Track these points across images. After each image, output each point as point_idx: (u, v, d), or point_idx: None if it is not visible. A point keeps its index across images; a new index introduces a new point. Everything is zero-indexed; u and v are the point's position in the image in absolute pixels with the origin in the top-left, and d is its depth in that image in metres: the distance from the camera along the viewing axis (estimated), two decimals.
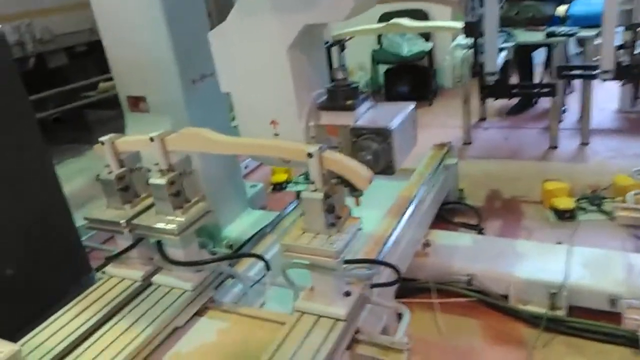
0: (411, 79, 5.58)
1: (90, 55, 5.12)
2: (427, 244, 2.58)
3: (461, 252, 2.54)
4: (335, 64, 3.82)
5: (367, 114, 1.80)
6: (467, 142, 4.32)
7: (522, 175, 3.61)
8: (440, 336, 2.24)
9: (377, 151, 1.67)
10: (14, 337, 1.52)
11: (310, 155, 1.46)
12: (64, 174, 4.93)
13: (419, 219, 2.57)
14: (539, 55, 4.78)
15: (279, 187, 3.90)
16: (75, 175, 4.76)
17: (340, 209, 1.57)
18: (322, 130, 1.77)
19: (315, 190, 1.49)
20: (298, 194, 1.45)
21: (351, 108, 1.75)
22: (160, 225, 1.69)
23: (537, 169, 3.68)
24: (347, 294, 1.59)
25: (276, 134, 1.77)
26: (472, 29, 2.49)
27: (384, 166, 1.72)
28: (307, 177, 3.02)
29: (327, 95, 1.79)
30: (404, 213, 2.45)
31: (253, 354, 1.51)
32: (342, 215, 1.57)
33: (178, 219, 1.70)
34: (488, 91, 3.17)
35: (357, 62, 6.05)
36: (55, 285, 2.05)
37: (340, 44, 3.76)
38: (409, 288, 2.41)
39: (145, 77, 2.64)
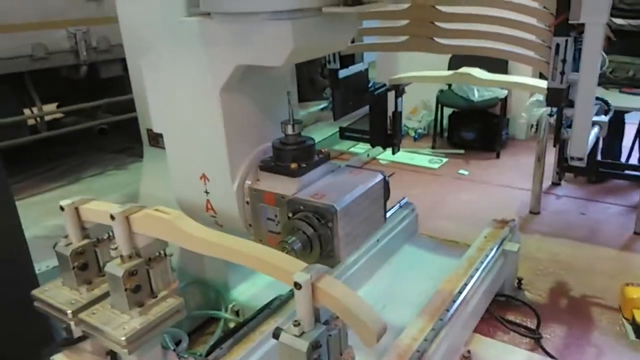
0: (479, 126, 5.02)
1: None
2: (466, 357, 2.06)
3: None
4: (390, 110, 3.33)
5: (316, 184, 1.46)
6: (535, 212, 3.71)
7: (598, 268, 2.97)
8: None
9: (312, 237, 1.33)
10: None
11: (298, 286, 1.03)
12: (102, 186, 4.76)
13: (462, 323, 2.07)
14: (634, 117, 4.08)
15: None
16: (113, 188, 4.58)
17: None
18: (258, 196, 1.47)
19: (299, 335, 1.05)
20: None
21: (294, 174, 1.44)
22: (109, 328, 1.31)
23: (617, 262, 3.02)
24: None
25: (206, 192, 1.54)
26: (558, 97, 1.95)
27: (322, 255, 1.35)
28: None
29: (272, 153, 1.53)
30: (442, 317, 1.96)
31: None
32: None
33: (132, 321, 1.32)
34: (568, 167, 2.60)
35: (422, 100, 5.56)
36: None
37: (398, 89, 3.27)
38: None
39: None
